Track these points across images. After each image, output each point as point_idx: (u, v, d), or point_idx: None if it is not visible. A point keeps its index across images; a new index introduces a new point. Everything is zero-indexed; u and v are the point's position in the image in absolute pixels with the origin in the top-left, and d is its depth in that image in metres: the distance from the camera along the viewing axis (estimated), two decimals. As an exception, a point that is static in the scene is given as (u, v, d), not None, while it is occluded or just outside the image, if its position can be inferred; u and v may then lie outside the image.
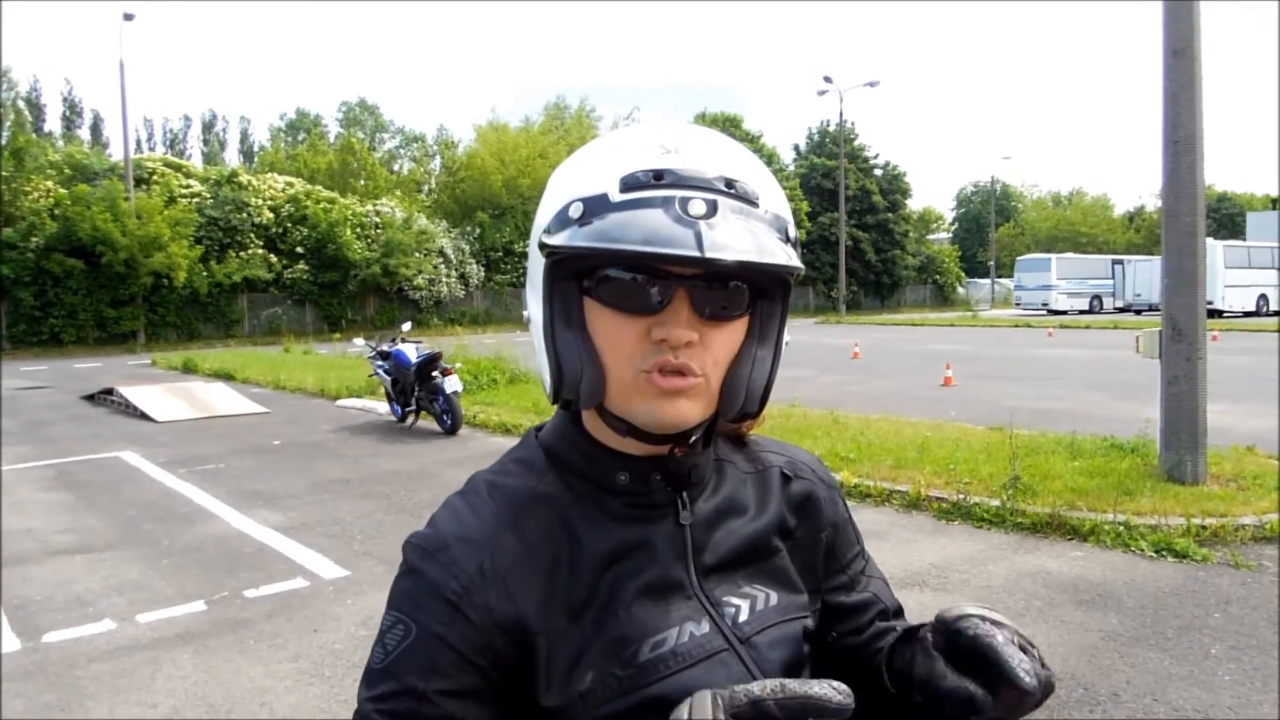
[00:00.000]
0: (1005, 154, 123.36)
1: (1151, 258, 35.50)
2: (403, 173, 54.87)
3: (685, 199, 0.74)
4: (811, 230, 45.91)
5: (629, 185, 0.76)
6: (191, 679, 3.83)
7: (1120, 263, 40.92)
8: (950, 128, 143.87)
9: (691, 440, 0.85)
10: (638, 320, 0.79)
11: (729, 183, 0.77)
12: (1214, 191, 63.27)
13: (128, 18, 28.84)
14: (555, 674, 0.80)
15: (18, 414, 12.92)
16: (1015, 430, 7.20)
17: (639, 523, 0.86)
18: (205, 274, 29.65)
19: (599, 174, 0.79)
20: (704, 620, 0.84)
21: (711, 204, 0.74)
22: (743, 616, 0.86)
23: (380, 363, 11.18)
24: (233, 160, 61.31)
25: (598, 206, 0.76)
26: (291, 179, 35.76)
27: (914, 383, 13.92)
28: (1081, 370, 15.27)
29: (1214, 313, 29.04)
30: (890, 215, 49.37)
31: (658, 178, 0.76)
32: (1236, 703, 3.36)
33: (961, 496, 6.16)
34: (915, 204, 56.61)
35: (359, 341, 13.16)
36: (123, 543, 6.06)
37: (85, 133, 58.35)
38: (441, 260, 35.51)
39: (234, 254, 31.21)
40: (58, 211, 27.12)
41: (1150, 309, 33.50)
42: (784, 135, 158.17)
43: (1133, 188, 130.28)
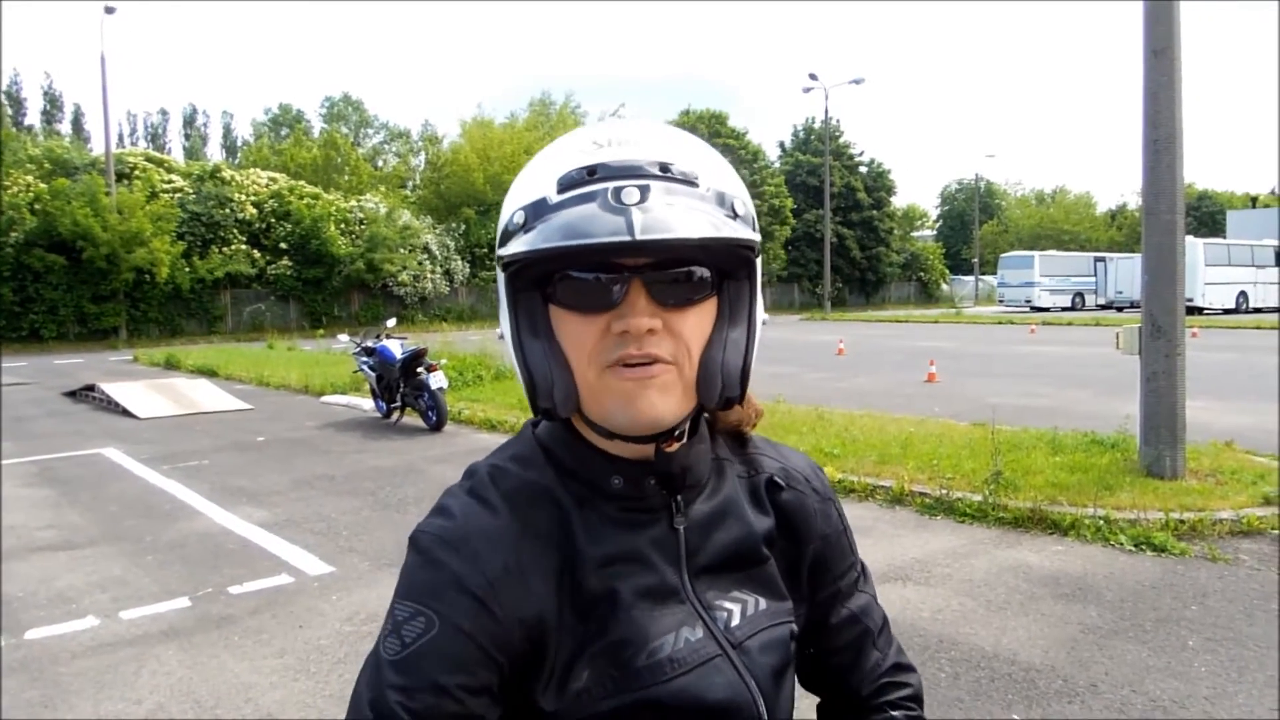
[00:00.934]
0: (989, 152, 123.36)
1: (1133, 255, 35.68)
2: (387, 168, 54.61)
3: (618, 188, 0.75)
4: (796, 227, 46.04)
5: (565, 185, 0.77)
6: (176, 675, 3.82)
7: (1102, 260, 41.30)
8: (935, 125, 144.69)
9: (677, 434, 0.84)
10: (598, 318, 0.79)
11: (664, 166, 0.77)
12: (1195, 190, 63.88)
13: (109, 11, 28.59)
14: (556, 673, 0.80)
15: (-2, 410, 12.81)
16: (997, 426, 7.27)
17: (633, 527, 0.86)
18: (188, 270, 29.46)
19: (539, 179, 0.80)
20: (698, 625, 0.85)
21: (644, 189, 0.75)
22: (734, 621, 0.87)
23: (365, 359, 11.15)
24: (215, 155, 60.95)
25: (539, 210, 0.77)
26: (275, 174, 35.56)
27: (898, 379, 13.98)
28: (1063, 367, 15.39)
29: (1194, 310, 29.38)
30: (875, 212, 49.55)
31: (591, 173, 0.77)
32: (1212, 693, 3.41)
33: (944, 492, 6.22)
34: (900, 201, 56.94)
35: (343, 338, 13.09)
36: (105, 539, 6.03)
37: (66, 127, 57.86)
38: (426, 256, 35.37)
39: (217, 250, 31.01)
40: (38, 206, 26.85)
41: (1132, 306, 33.79)
42: (769, 132, 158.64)
43: (1115, 186, 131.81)
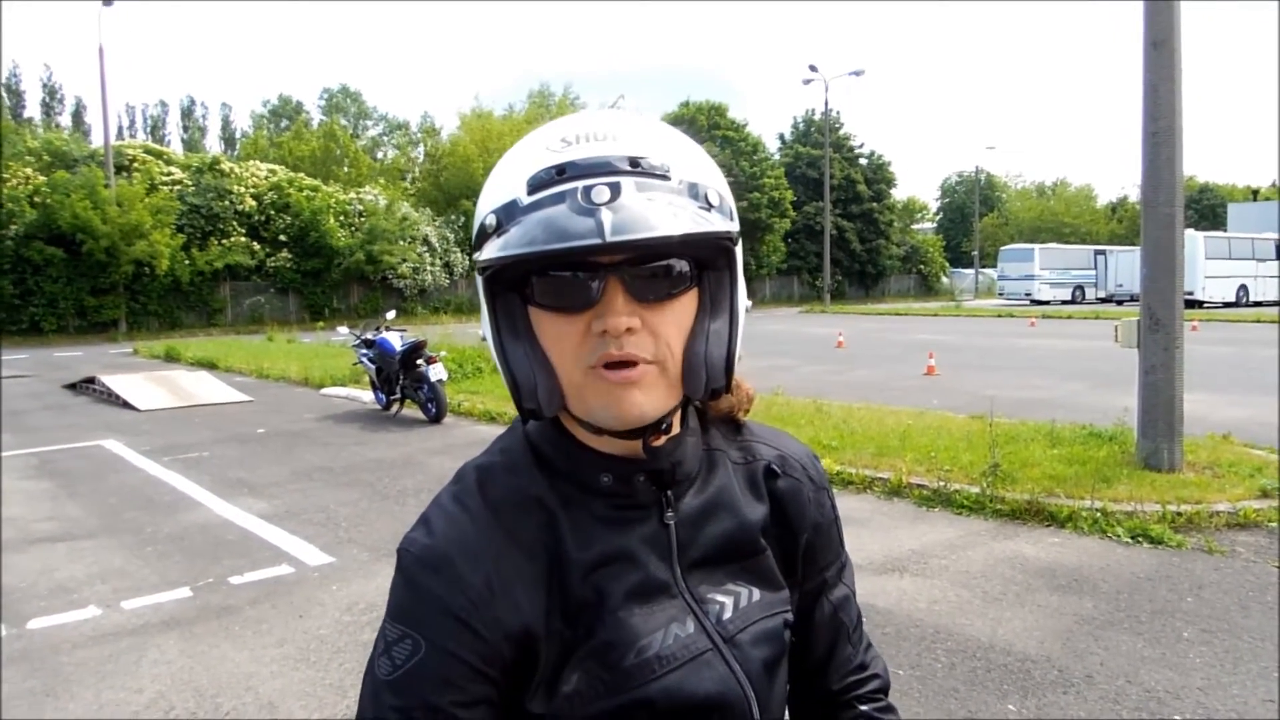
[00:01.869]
0: (990, 144, 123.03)
1: (1133, 248, 35.65)
2: (386, 160, 54.55)
3: (588, 187, 0.74)
4: (796, 219, 45.97)
5: (535, 186, 0.76)
6: (177, 665, 3.84)
7: (1102, 253, 41.32)
8: (935, 118, 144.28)
9: (664, 427, 0.84)
10: (578, 317, 0.78)
11: (634, 161, 0.76)
12: (1195, 183, 63.84)
13: (107, 2, 28.44)
14: (545, 677, 0.81)
15: (-2, 402, 12.83)
16: (996, 419, 7.29)
17: (624, 525, 0.85)
18: (187, 262, 29.42)
19: (509, 181, 0.79)
20: (689, 620, 0.84)
21: (614, 186, 0.73)
22: (726, 614, 0.86)
23: (364, 351, 11.17)
24: (214, 147, 60.86)
25: (510, 213, 0.77)
26: (274, 166, 35.50)
27: (897, 372, 14.00)
28: (1062, 360, 15.39)
29: (1194, 303, 29.37)
30: (875, 205, 49.46)
31: (560, 172, 0.76)
32: (1207, 684, 3.43)
33: (942, 484, 6.24)
34: (900, 194, 56.79)
35: (343, 330, 13.10)
36: (106, 531, 6.05)
37: (66, 119, 57.78)
38: (426, 249, 35.33)
39: (216, 242, 30.96)
40: (37, 199, 26.84)
41: (1132, 299, 33.75)
42: (769, 124, 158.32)
43: (1116, 179, 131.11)
